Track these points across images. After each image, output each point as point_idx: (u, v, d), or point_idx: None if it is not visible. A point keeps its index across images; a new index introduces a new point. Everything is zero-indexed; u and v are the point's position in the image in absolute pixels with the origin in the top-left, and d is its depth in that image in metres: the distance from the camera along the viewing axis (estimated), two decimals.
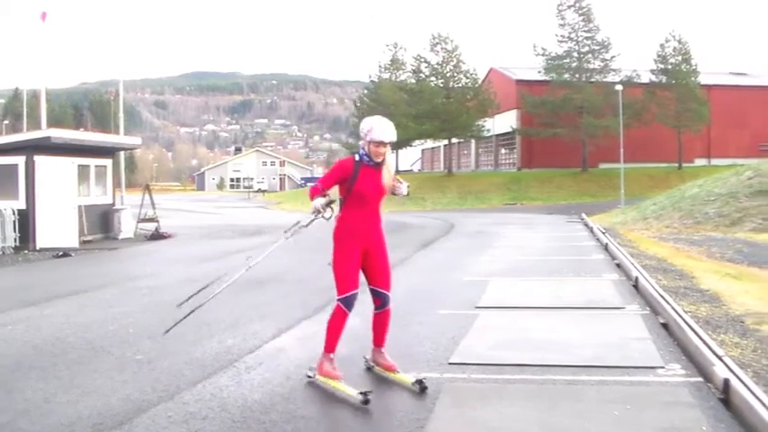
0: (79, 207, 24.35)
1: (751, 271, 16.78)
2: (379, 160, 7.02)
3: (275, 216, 49.13)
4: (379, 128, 6.97)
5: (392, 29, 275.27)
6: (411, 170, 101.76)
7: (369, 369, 7.52)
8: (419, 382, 6.81)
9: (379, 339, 7.39)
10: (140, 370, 7.72)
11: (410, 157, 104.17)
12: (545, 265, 16.86)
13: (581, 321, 10.18)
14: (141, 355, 8.40)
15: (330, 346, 7.05)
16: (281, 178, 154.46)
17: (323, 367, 7.02)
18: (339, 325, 7.02)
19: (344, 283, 7.00)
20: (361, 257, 7.12)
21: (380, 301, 7.23)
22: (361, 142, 7.14)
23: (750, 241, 24.05)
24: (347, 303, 6.96)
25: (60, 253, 21.26)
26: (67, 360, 8.22)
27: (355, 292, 6.99)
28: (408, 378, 6.94)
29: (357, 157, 7.05)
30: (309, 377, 7.17)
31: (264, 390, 6.91)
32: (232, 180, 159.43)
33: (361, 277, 7.12)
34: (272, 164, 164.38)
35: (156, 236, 27.42)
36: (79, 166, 24.92)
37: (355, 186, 6.94)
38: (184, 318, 7.72)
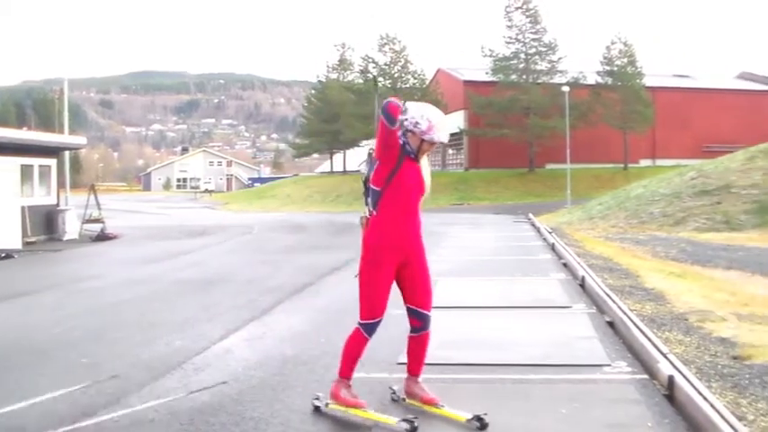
0: (22, 208, 24.05)
1: (694, 269, 17.00)
2: (421, 157, 6.02)
3: (222, 217, 48.93)
4: (439, 126, 5.84)
5: (341, 29, 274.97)
6: (358, 171, 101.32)
7: (395, 401, 6.43)
8: (478, 418, 5.75)
9: (415, 367, 6.34)
10: (86, 373, 7.60)
11: (358, 157, 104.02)
12: (493, 265, 16.95)
13: (528, 320, 10.25)
14: (86, 358, 8.28)
15: (346, 370, 6.13)
16: (228, 178, 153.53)
17: (339, 395, 6.10)
18: (358, 350, 6.09)
19: (371, 308, 6.01)
20: (395, 273, 6.09)
21: (420, 323, 6.19)
22: (404, 131, 5.91)
23: (693, 240, 24.38)
24: (370, 330, 6.03)
25: (2, 255, 20.90)
26: (10, 365, 8.09)
27: (381, 319, 6.03)
28: (461, 414, 5.90)
29: (401, 141, 5.92)
30: (317, 406, 6.20)
31: (213, 391, 6.83)
32: (179, 180, 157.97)
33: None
34: (219, 164, 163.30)
35: (102, 237, 27.13)
36: (22, 165, 24.62)
37: (397, 176, 5.89)
38: None
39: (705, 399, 5.76)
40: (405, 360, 6.67)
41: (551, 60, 71.24)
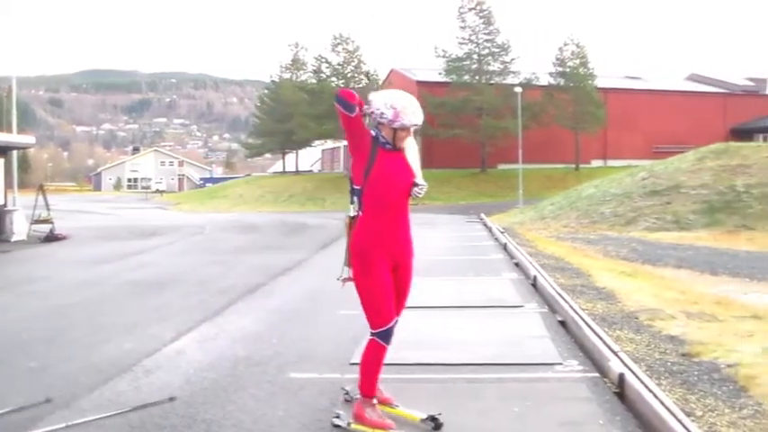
0: None
1: (645, 269, 17.21)
2: (402, 145, 5.67)
3: (173, 217, 48.50)
4: (406, 110, 5.55)
5: (294, 28, 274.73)
6: (311, 170, 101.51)
7: (348, 402, 6.14)
8: (433, 418, 5.66)
9: None
10: (34, 378, 7.49)
11: (310, 157, 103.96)
12: (445, 265, 16.97)
13: (481, 320, 10.28)
14: (35, 362, 8.14)
15: (369, 388, 5.68)
16: (179, 178, 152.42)
17: (365, 416, 5.64)
18: (378, 361, 5.62)
19: (380, 314, 5.55)
20: (390, 272, 5.67)
21: None
22: (376, 125, 5.63)
23: (644, 240, 24.68)
24: (385, 338, 5.57)
25: None
26: None
27: (394, 323, 5.61)
28: (415, 414, 5.79)
29: (374, 133, 5.60)
30: (337, 425, 5.74)
31: (164, 394, 6.72)
32: (130, 180, 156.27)
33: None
34: (171, 164, 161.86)
35: (51, 238, 26.74)
36: None
37: (375, 170, 5.50)
38: None
39: (655, 396, 5.84)
40: (357, 360, 6.61)
41: (504, 61, 71.57)
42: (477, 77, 70.13)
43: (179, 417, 6.10)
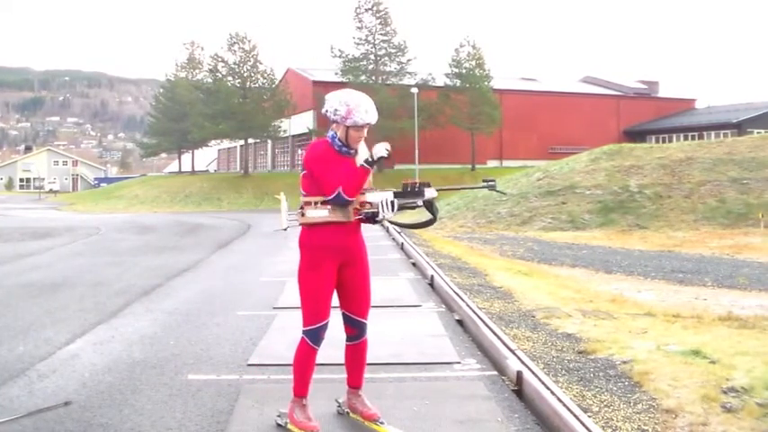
0: None
1: (541, 268, 17.47)
2: (357, 147, 5.67)
3: (67, 218, 47.53)
4: (361, 107, 5.53)
5: (189, 27, 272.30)
6: (207, 170, 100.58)
7: (340, 414, 6.05)
8: None
9: (354, 378, 5.91)
10: None
11: (206, 157, 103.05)
12: None
13: (379, 319, 10.22)
14: None
15: (300, 388, 5.65)
16: (73, 178, 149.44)
17: (293, 416, 5.63)
18: (307, 363, 5.61)
19: (313, 312, 5.49)
20: (336, 276, 5.58)
21: (355, 331, 5.74)
22: (332, 127, 5.62)
23: (540, 239, 25.07)
24: (315, 337, 5.52)
25: None
26: None
27: (325, 323, 5.52)
28: None
29: (330, 141, 5.59)
30: (279, 425, 5.76)
31: (59, 398, 6.53)
32: (22, 180, 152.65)
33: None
34: (65, 163, 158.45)
35: None
36: None
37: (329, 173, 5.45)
38: None
39: (552, 393, 5.92)
40: (255, 361, 6.59)
41: (401, 62, 71.88)
42: (373, 78, 70.27)
43: (75, 421, 5.94)
